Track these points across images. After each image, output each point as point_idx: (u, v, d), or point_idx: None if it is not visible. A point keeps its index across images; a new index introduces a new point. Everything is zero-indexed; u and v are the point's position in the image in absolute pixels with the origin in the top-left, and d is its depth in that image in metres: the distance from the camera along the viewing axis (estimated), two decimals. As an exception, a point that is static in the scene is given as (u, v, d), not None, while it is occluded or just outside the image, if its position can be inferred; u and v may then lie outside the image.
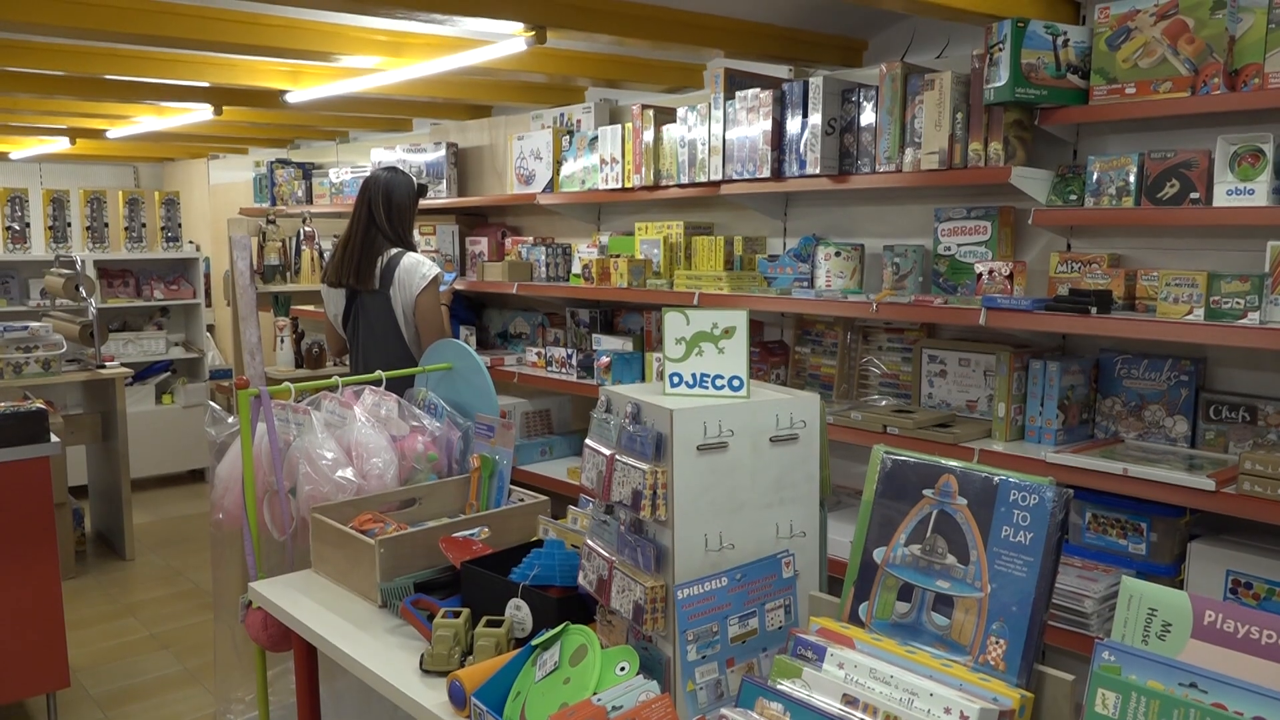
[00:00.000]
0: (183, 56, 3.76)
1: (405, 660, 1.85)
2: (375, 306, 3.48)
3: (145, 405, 6.43)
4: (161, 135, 6.13)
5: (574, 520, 2.13)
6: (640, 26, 2.98)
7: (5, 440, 3.15)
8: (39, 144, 7.07)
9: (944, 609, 1.30)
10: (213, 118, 4.83)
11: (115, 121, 5.70)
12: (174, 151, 7.76)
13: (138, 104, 5.00)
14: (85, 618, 4.38)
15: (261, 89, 4.09)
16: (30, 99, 4.76)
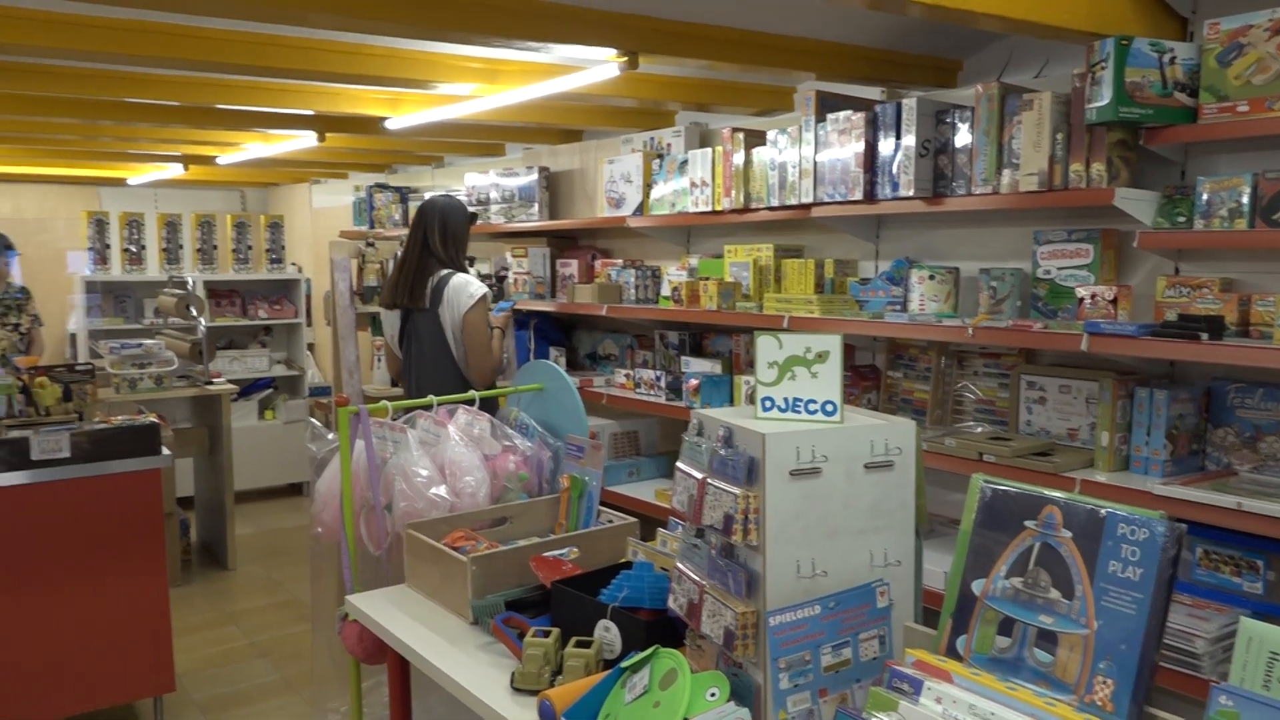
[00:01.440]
0: (289, 86, 3.92)
1: (496, 678, 1.87)
2: (426, 325, 3.60)
3: (248, 420, 6.67)
4: (268, 161, 6.38)
5: (663, 543, 2.14)
6: (731, 50, 3.00)
7: (121, 452, 3.30)
8: (155, 170, 7.44)
9: (1047, 645, 1.26)
10: (316, 144, 5.01)
11: (225, 148, 5.96)
12: (279, 177, 8.07)
13: (246, 132, 5.23)
14: (190, 625, 4.54)
15: (362, 116, 4.23)
16: (148, 128, 5.02)
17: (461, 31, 2.57)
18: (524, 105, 3.89)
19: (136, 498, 3.35)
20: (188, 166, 6.88)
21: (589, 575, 2.06)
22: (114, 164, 7.12)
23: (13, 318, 5.49)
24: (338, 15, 2.41)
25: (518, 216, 5.00)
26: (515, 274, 4.84)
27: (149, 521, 3.39)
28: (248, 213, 7.77)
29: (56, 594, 3.23)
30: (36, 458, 3.17)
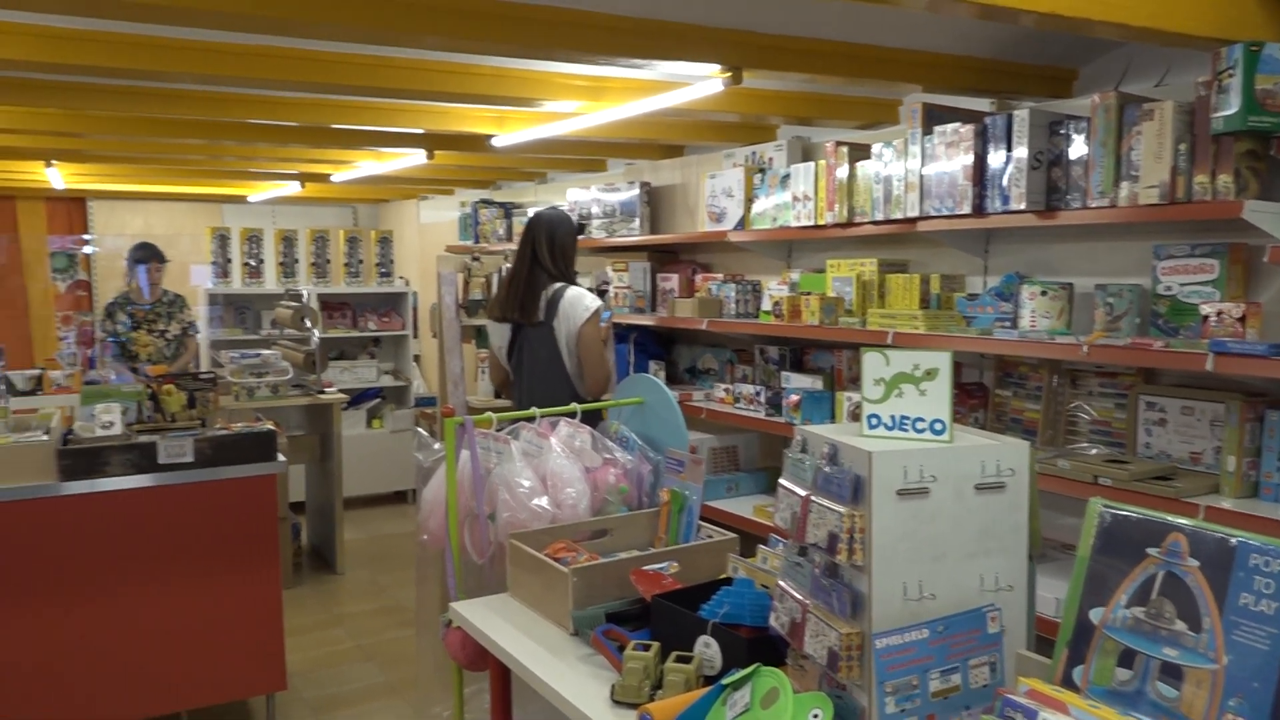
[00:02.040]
0: (401, 106, 4.05)
1: (596, 690, 1.88)
2: (539, 339, 3.61)
3: (357, 429, 6.88)
4: (379, 178, 6.60)
5: (764, 559, 2.12)
6: (835, 64, 2.97)
7: (240, 457, 3.45)
8: (273, 188, 7.77)
9: (1171, 680, 1.21)
10: (425, 161, 5.16)
11: (339, 166, 6.18)
12: (388, 193, 8.33)
13: (360, 150, 5.42)
14: (300, 626, 4.70)
15: (470, 134, 4.33)
16: (268, 147, 5.24)
17: (568, 50, 2.61)
18: (626, 121, 3.93)
19: (254, 502, 3.49)
20: (304, 184, 7.16)
21: (689, 590, 2.06)
22: (236, 182, 7.46)
23: (161, 324, 5.78)
24: (449, 37, 2.48)
25: (619, 231, 5.05)
26: (616, 288, 4.88)
27: (265, 525, 3.52)
28: (359, 228, 8.03)
29: (178, 591, 3.38)
30: (163, 461, 3.33)
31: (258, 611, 3.51)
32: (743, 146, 4.39)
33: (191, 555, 3.40)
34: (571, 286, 3.65)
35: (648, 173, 5.20)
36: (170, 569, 3.37)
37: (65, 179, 6.90)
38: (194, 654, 3.41)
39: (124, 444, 3.30)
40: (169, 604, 3.37)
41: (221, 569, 3.44)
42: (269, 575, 3.53)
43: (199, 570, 3.41)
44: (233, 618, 3.47)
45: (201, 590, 3.41)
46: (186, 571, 3.39)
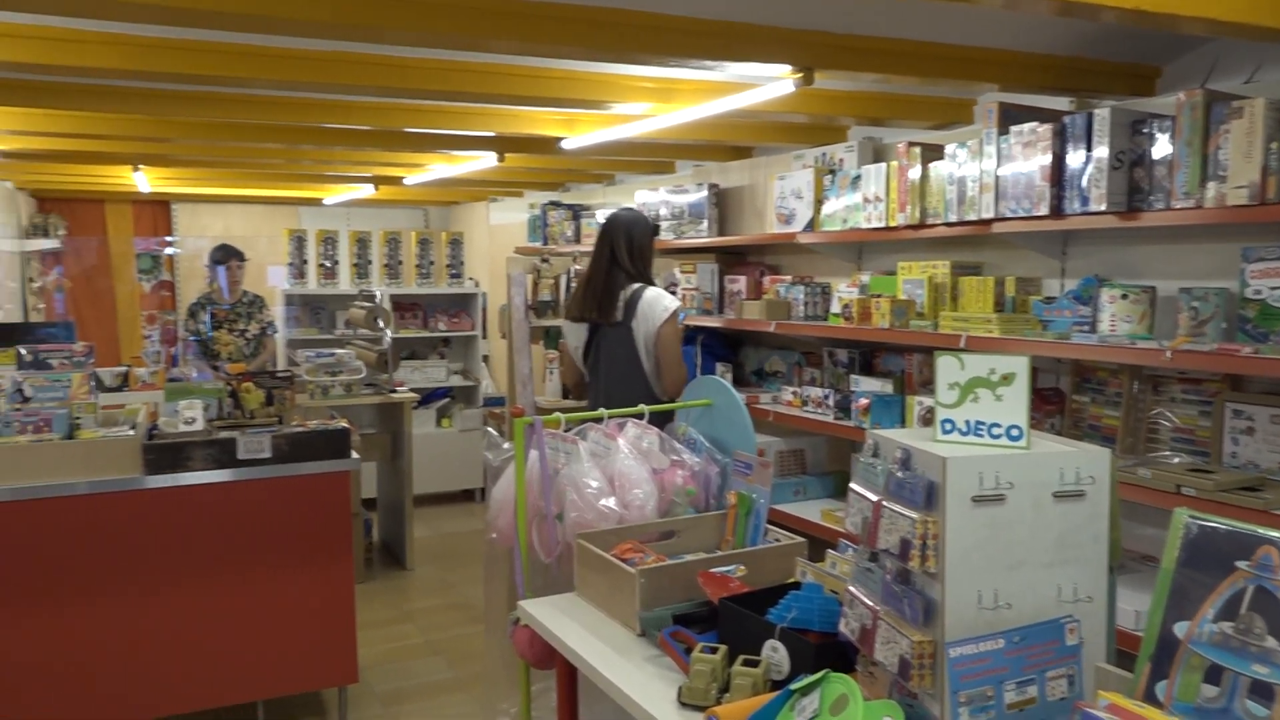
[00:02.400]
0: (473, 109, 4.10)
1: (662, 691, 1.89)
2: (617, 340, 3.62)
3: (427, 428, 6.99)
4: (450, 181, 6.70)
5: (833, 564, 2.09)
6: (909, 63, 2.93)
7: (316, 454, 3.53)
8: (348, 191, 7.94)
9: (1261, 699, 1.16)
10: (496, 164, 5.22)
11: (412, 169, 6.29)
12: (459, 195, 8.45)
13: (432, 153, 5.50)
14: (370, 620, 4.79)
15: (540, 137, 4.37)
16: (344, 151, 5.36)
17: (638, 53, 2.62)
18: (695, 123, 3.93)
19: (328, 498, 3.57)
20: (378, 187, 7.30)
21: (756, 594, 2.05)
22: (312, 185, 7.64)
23: (241, 324, 5.95)
24: (521, 41, 2.51)
25: (687, 233, 5.05)
26: (683, 290, 4.88)
27: (338, 520, 3.60)
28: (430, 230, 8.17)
29: (254, 584, 3.47)
30: (242, 457, 3.43)
31: (331, 605, 3.59)
32: (812, 148, 4.35)
33: (268, 549, 3.49)
34: (650, 287, 3.65)
35: (716, 174, 5.19)
36: (247, 562, 3.46)
37: (151, 183, 7.14)
38: (269, 645, 3.50)
39: (205, 439, 3.40)
40: (246, 596, 3.46)
41: (296, 563, 3.53)
42: (342, 570, 3.61)
43: (275, 563, 3.50)
44: (307, 611, 3.55)
45: (277, 583, 3.50)
46: (263, 564, 3.48)
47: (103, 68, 2.91)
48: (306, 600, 3.55)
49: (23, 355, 3.73)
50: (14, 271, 7.24)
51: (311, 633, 3.56)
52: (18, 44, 2.79)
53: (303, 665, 3.57)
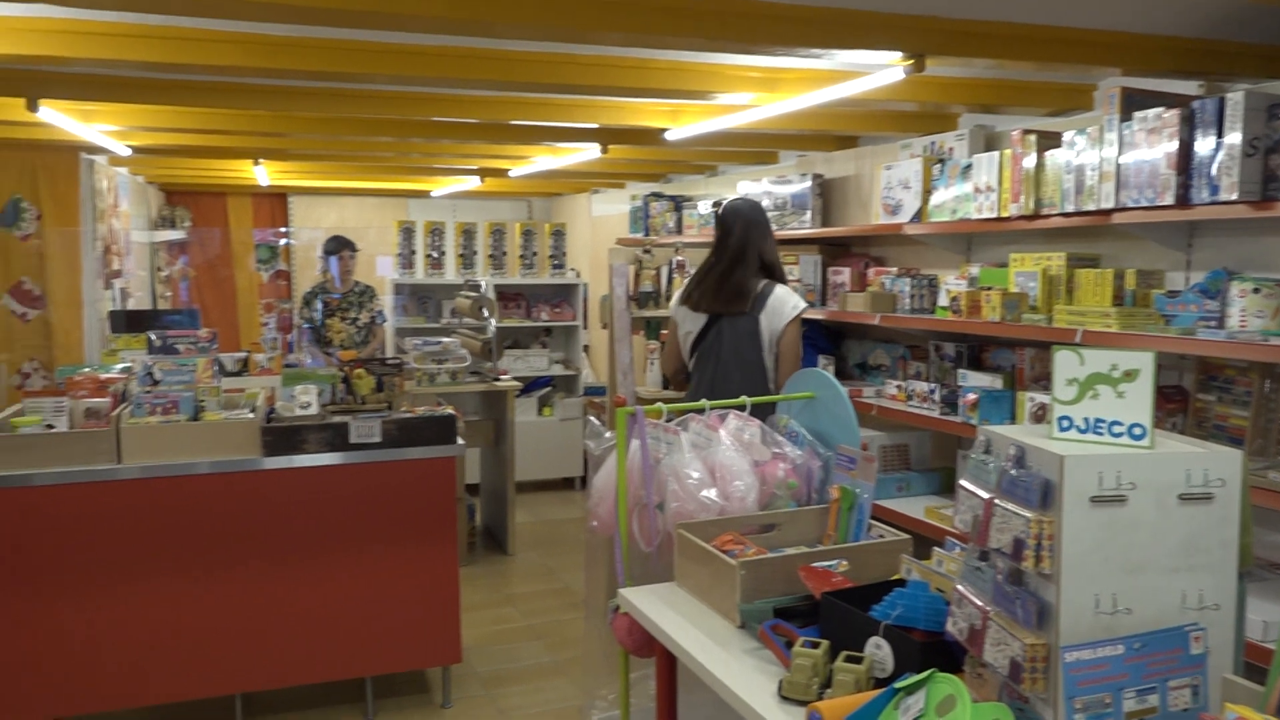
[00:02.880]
0: (578, 101, 4.14)
1: (762, 684, 1.88)
2: (742, 332, 3.58)
3: (528, 416, 7.11)
4: (553, 173, 6.78)
5: (939, 562, 2.05)
6: (1025, 48, 2.84)
7: (423, 439, 3.63)
8: (455, 183, 8.11)
9: None
10: (599, 156, 5.26)
11: (517, 161, 6.39)
12: (562, 187, 8.55)
13: (537, 146, 5.58)
14: (473, 603, 4.90)
15: (644, 128, 4.39)
16: (451, 144, 5.48)
17: (746, 42, 2.60)
18: (800, 113, 3.88)
19: (434, 482, 3.66)
20: (483, 179, 7.44)
21: (859, 590, 2.02)
22: (420, 178, 7.84)
23: (352, 313, 6.16)
24: (628, 32, 2.52)
25: (790, 224, 4.99)
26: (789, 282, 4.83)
27: (444, 505, 3.69)
28: (534, 221, 8.28)
29: (363, 564, 3.59)
30: (353, 441, 3.54)
31: (436, 587, 3.69)
32: (921, 136, 4.25)
33: (377, 530, 3.60)
34: (780, 284, 3.65)
35: (820, 164, 5.12)
36: (357, 542, 3.58)
37: (270, 176, 7.43)
38: (377, 623, 3.62)
39: (319, 423, 3.53)
40: (355, 575, 3.58)
41: (403, 545, 3.63)
42: (447, 553, 3.70)
43: (383, 545, 3.61)
44: (413, 591, 3.66)
45: (385, 563, 3.61)
46: (372, 545, 3.60)
47: (228, 65, 3.04)
48: (413, 581, 3.65)
49: (153, 341, 3.93)
50: (144, 261, 7.63)
51: (417, 613, 3.67)
52: (151, 44, 2.94)
53: (408, 644, 3.68)
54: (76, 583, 3.28)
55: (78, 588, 3.28)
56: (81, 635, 3.30)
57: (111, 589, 3.32)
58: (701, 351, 3.68)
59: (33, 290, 5.60)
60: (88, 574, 3.29)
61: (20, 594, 3.23)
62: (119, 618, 3.33)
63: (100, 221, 5.89)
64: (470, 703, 3.84)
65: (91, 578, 3.30)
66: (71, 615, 3.28)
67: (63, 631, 3.27)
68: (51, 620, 3.26)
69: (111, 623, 3.33)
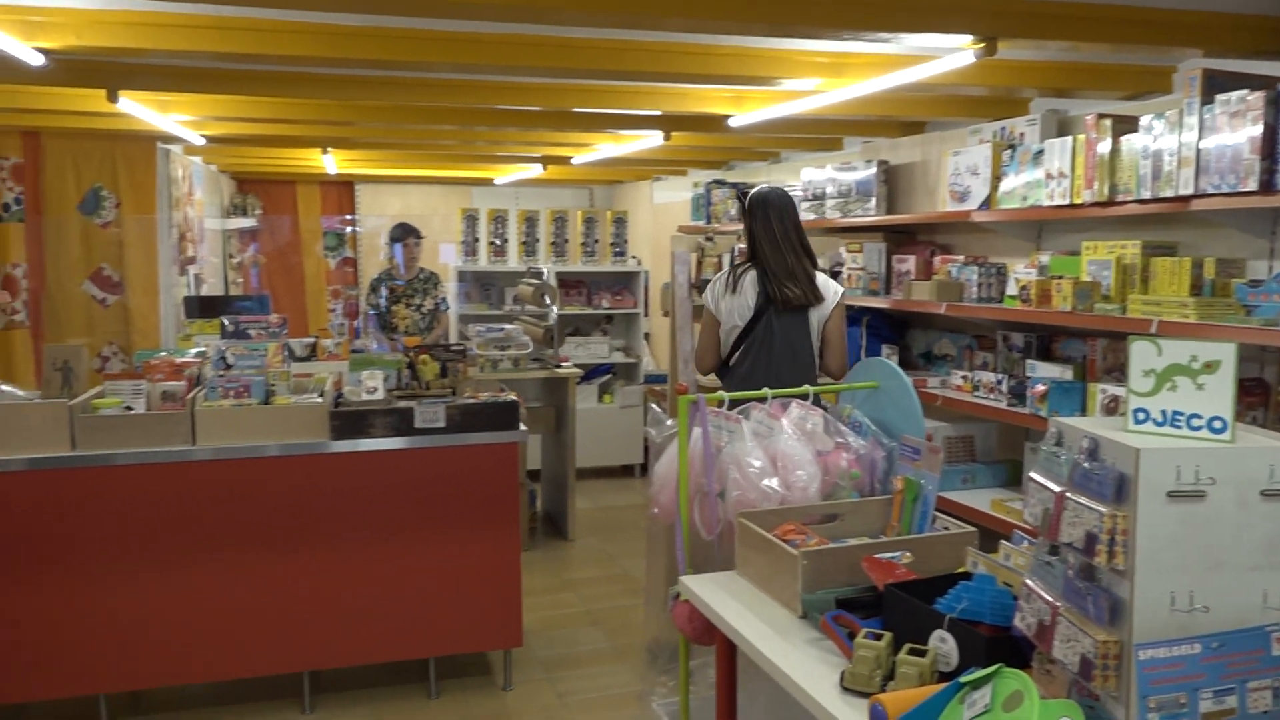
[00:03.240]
0: (641, 88, 4.14)
1: (824, 674, 1.87)
2: (795, 323, 3.50)
3: (589, 403, 7.14)
4: (616, 160, 6.79)
5: (1006, 556, 2.02)
6: (1102, 29, 2.76)
7: (486, 425, 3.67)
8: (518, 171, 8.17)
9: None
10: (661, 143, 5.25)
11: (579, 149, 6.41)
12: (624, 174, 8.56)
13: (599, 133, 5.59)
14: (533, 587, 4.95)
15: (707, 115, 4.37)
16: (515, 132, 5.52)
17: (813, 26, 2.57)
18: (866, 98, 3.83)
19: (497, 467, 3.70)
20: (546, 166, 7.48)
21: (923, 582, 1.99)
22: (484, 166, 7.91)
23: (417, 299, 6.25)
24: (694, 18, 2.51)
25: (854, 211, 4.93)
26: (849, 270, 4.78)
27: (506, 490, 3.73)
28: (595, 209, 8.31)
29: (427, 547, 3.65)
30: (418, 426, 3.60)
31: (498, 571, 3.73)
32: (991, 121, 4.16)
33: (440, 514, 3.65)
34: (818, 271, 3.59)
35: (885, 150, 5.05)
36: (421, 525, 3.64)
37: (338, 164, 7.56)
38: (440, 606, 3.68)
39: (385, 408, 3.59)
40: (419, 557, 3.64)
41: (466, 529, 3.68)
42: (509, 537, 3.74)
43: (446, 528, 3.66)
44: (475, 575, 3.71)
45: (448, 547, 3.67)
46: (435, 529, 3.65)
47: (298, 55, 3.10)
48: (475, 565, 3.70)
49: (226, 326, 4.04)
50: (217, 248, 7.83)
51: (479, 596, 3.72)
52: (224, 35, 3.00)
53: (471, 627, 3.73)
54: (152, 560, 3.39)
55: (153, 565, 3.39)
56: (156, 611, 3.41)
57: (185, 567, 3.42)
58: (750, 344, 3.56)
59: (112, 276, 5.78)
60: (162, 552, 3.40)
61: (99, 569, 3.35)
62: (193, 595, 3.44)
63: (175, 209, 6.06)
64: (530, 686, 3.89)
65: (166, 555, 3.40)
66: (147, 591, 3.39)
67: (139, 607, 3.38)
68: (129, 596, 3.37)
69: (185, 599, 3.43)
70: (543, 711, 3.69)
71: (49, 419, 3.28)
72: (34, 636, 3.31)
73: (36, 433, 3.27)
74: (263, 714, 3.64)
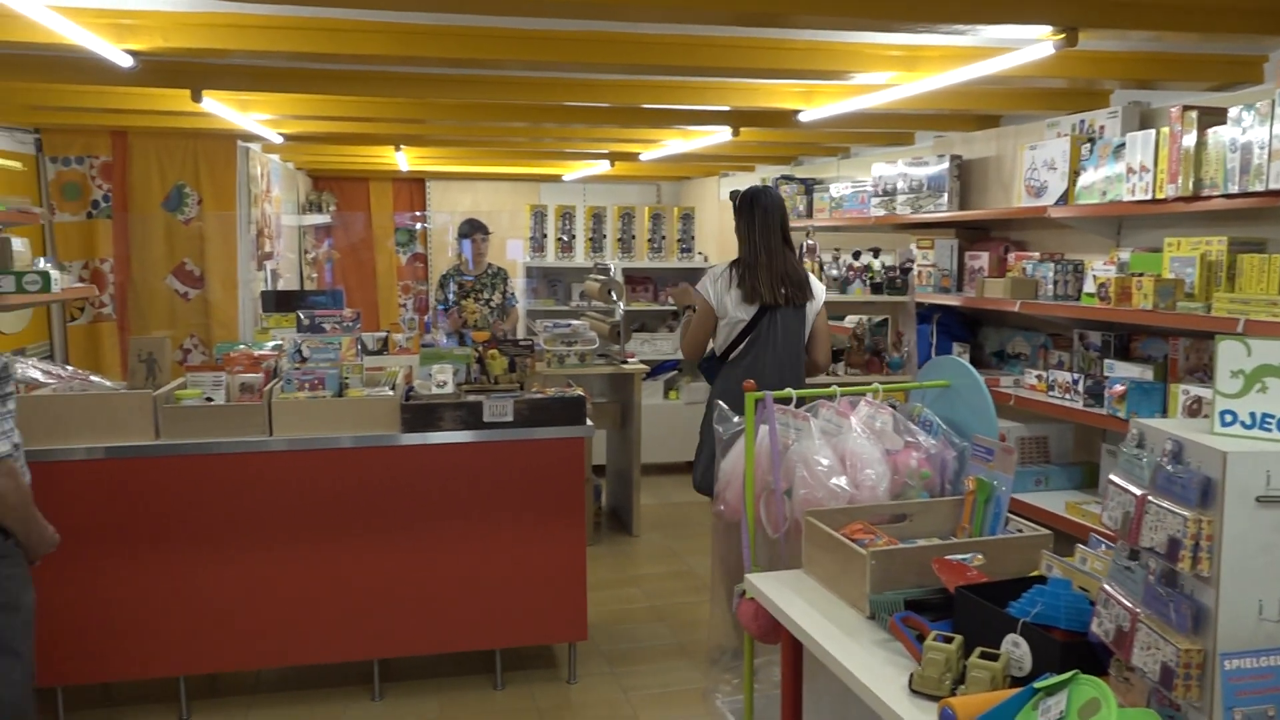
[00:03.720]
0: (710, 84, 4.12)
1: (892, 676, 1.84)
2: (795, 319, 3.76)
3: (654, 399, 7.15)
4: (683, 156, 6.77)
5: (1082, 560, 1.97)
6: (1189, 18, 2.67)
7: (553, 420, 3.69)
8: (586, 167, 8.20)
9: None
10: (730, 139, 5.23)
11: (647, 145, 6.41)
12: (690, 170, 8.54)
13: (667, 129, 5.59)
14: (598, 582, 4.97)
15: (776, 110, 4.33)
16: (584, 129, 5.54)
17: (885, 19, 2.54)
18: (939, 91, 3.76)
19: (563, 462, 3.73)
20: (614, 163, 7.50)
21: (995, 585, 1.96)
22: (552, 162, 7.96)
23: (486, 294, 6.33)
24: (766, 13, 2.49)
25: (925, 207, 4.86)
26: (920, 266, 4.71)
27: (572, 484, 3.75)
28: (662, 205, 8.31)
29: (494, 539, 3.69)
30: (486, 420, 3.64)
31: (564, 564, 3.76)
32: (1069, 114, 4.06)
33: (507, 507, 3.69)
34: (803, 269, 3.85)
35: (959, 145, 4.95)
36: (489, 518, 3.68)
37: (409, 161, 7.68)
38: (507, 598, 3.72)
39: (455, 402, 3.64)
40: (486, 550, 3.69)
41: (533, 522, 3.71)
42: (575, 531, 3.77)
43: (513, 521, 3.70)
44: (542, 568, 3.74)
45: (515, 540, 3.71)
46: (503, 522, 3.69)
47: (373, 54, 3.16)
48: (541, 558, 3.73)
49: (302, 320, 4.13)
50: (293, 244, 8.02)
51: (546, 589, 3.75)
52: (302, 35, 3.07)
53: (537, 619, 3.77)
54: (229, 546, 3.49)
55: (230, 551, 3.49)
56: (233, 597, 3.51)
57: (259, 554, 3.51)
58: (752, 340, 3.75)
59: (193, 271, 5.96)
60: (239, 538, 3.49)
61: (180, 555, 3.46)
62: (267, 582, 3.53)
63: (254, 206, 6.22)
64: (595, 679, 3.91)
65: (242, 542, 3.50)
66: (224, 577, 3.49)
67: (216, 592, 3.49)
68: (207, 581, 3.48)
69: (260, 586, 3.52)
70: (607, 705, 3.71)
71: (134, 409, 3.40)
72: (119, 618, 3.43)
73: (122, 422, 3.38)
74: (334, 701, 3.72)
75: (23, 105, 4.50)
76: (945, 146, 5.06)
